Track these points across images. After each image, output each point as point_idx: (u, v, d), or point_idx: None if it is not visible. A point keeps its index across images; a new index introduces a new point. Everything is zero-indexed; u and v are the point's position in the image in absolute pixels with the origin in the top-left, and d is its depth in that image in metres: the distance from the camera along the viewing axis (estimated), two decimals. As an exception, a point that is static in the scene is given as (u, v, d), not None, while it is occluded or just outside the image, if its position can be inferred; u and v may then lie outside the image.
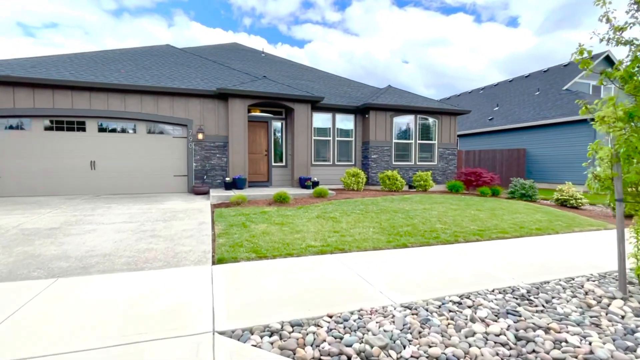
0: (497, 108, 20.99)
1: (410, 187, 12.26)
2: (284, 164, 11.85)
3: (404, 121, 12.90)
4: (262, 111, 11.57)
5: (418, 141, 13.07)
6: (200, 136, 10.05)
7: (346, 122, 12.71)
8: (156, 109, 9.83)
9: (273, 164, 11.72)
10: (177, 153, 10.25)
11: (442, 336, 2.46)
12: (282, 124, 11.80)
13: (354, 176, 11.10)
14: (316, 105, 11.66)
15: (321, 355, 2.22)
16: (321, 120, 12.31)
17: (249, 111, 11.35)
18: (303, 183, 10.63)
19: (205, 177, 10.30)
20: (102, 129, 9.60)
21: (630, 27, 3.17)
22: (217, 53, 15.68)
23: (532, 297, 3.17)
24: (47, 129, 9.13)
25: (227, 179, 9.93)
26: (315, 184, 10.56)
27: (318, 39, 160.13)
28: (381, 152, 12.44)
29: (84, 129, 9.42)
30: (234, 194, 8.82)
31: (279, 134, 11.83)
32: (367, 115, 12.37)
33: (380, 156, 12.44)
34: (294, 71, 15.42)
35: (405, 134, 12.96)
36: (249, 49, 17.84)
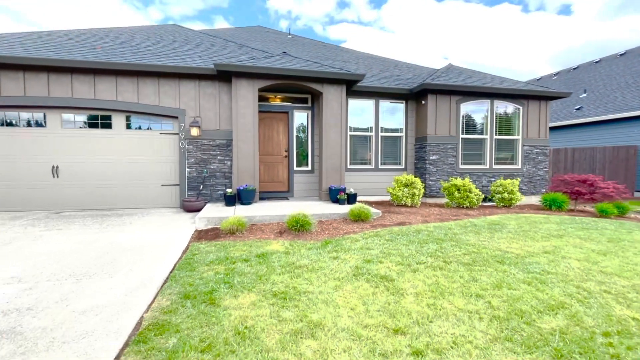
0: (584, 95, 16.44)
1: (484, 199, 8.72)
2: (309, 168, 8.87)
3: (475, 109, 9.37)
4: (281, 99, 8.69)
5: (495, 136, 9.46)
6: (195, 132, 7.36)
7: (394, 111, 9.45)
8: (136, 96, 7.30)
9: (295, 168, 8.80)
10: (166, 155, 7.66)
11: None
12: (307, 115, 8.83)
13: (406, 186, 7.83)
14: (353, 88, 8.56)
15: None
16: (360, 109, 9.18)
17: (263, 99, 8.51)
18: (335, 195, 7.57)
19: (201, 186, 7.60)
20: (67, 124, 7.24)
21: None
22: (235, 35, 13.11)
23: None
24: (-2, 124, 6.93)
25: (229, 190, 7.15)
26: (352, 197, 7.45)
27: (353, 38, 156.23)
28: (443, 151, 9.03)
29: (42, 124, 7.12)
30: (233, 213, 6.00)
31: (303, 129, 8.88)
32: (423, 102, 9.03)
33: (441, 157, 9.03)
34: (327, 52, 12.41)
35: (476, 126, 9.43)
36: (273, 31, 15.13)
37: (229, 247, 4.59)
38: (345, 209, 6.65)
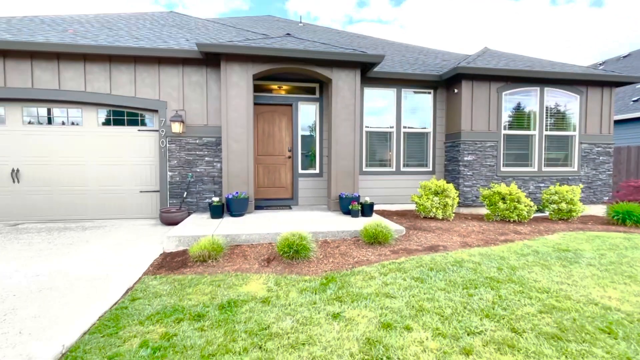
0: (641, 85, 14.16)
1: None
2: (317, 171, 7.45)
3: (521, 99, 7.65)
4: (284, 90, 7.32)
5: (545, 132, 7.71)
6: (177, 127, 6.10)
7: (419, 103, 7.88)
8: (109, 86, 6.11)
9: (300, 171, 7.40)
10: (145, 156, 6.44)
11: None
12: (315, 108, 7.42)
13: (437, 194, 6.26)
14: (369, 74, 7.07)
15: None
16: (378, 100, 7.67)
17: (261, 89, 7.17)
18: (346, 206, 6.11)
19: (185, 194, 6.33)
20: (30, 120, 6.16)
21: None
22: (240, 23, 11.86)
23: None
24: (-49, 120, 5.92)
25: (215, 199, 5.82)
26: (367, 208, 5.97)
27: (386, 17, 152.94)
28: (481, 150, 7.39)
29: (1, 121, 6.06)
30: (214, 230, 4.67)
31: (310, 125, 7.48)
32: (456, 91, 7.41)
33: (479, 158, 7.39)
34: (341, 39, 10.93)
35: (522, 120, 7.71)
36: (283, 20, 13.80)
37: (188, 287, 3.24)
38: (359, 224, 5.19)
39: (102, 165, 6.33)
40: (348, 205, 6.04)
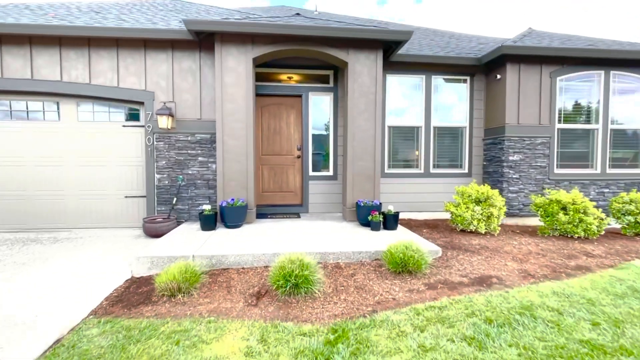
0: None
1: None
2: (330, 173, 6.37)
3: (580, 86, 6.28)
4: (293, 78, 6.28)
5: (611, 126, 6.29)
6: (165, 122, 5.18)
7: (452, 92, 6.64)
8: (88, 74, 5.27)
9: (311, 173, 6.34)
10: (132, 155, 5.57)
11: None
12: (329, 99, 6.33)
13: (478, 202, 5.04)
14: (393, 57, 5.93)
15: None
16: (403, 89, 6.50)
17: (265, 77, 6.16)
18: (365, 216, 5.00)
19: (175, 199, 5.40)
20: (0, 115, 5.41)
21: None
22: (249, 12, 10.93)
23: None
24: None
25: (206, 207, 4.84)
26: (391, 220, 4.83)
27: (408, 17, 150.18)
28: (530, 148, 6.08)
29: (-32, 114, 5.35)
30: (199, 247, 3.68)
31: (323, 119, 6.40)
32: (498, 76, 6.13)
33: (527, 157, 6.08)
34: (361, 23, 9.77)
35: (580, 111, 6.33)
36: (297, 9, 12.79)
37: (136, 343, 2.25)
38: (381, 241, 4.08)
39: (83, 166, 5.50)
40: (367, 216, 4.93)
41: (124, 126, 5.53)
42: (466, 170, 6.62)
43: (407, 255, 3.28)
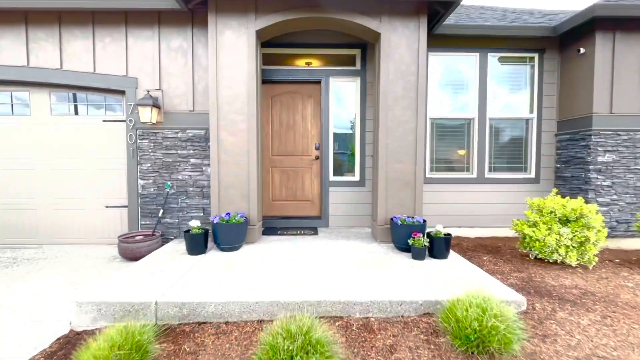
0: None
1: None
2: (356, 177, 5.08)
3: (699, 59, 4.61)
4: (310, 60, 5.06)
5: None
6: (148, 115, 4.13)
7: (513, 75, 5.16)
8: (58, 57, 4.31)
9: (332, 177, 5.09)
10: (114, 156, 4.57)
11: None
12: (355, 85, 5.06)
13: (565, 222, 3.58)
14: (437, 29, 4.57)
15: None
16: (449, 71, 5.10)
17: (274, 60, 4.99)
18: (403, 237, 3.67)
19: (161, 211, 4.33)
20: (-35, 108, 4.58)
21: None
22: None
23: None
24: None
25: (193, 224, 3.70)
26: (441, 245, 3.49)
27: None
28: (629, 146, 4.50)
29: None
30: (167, 288, 2.55)
31: (347, 110, 5.14)
32: (581, 50, 4.59)
33: (624, 159, 4.50)
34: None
35: (698, 94, 4.66)
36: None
37: None
38: (430, 279, 2.77)
39: (57, 170, 4.57)
40: (407, 238, 3.61)
41: (104, 121, 4.54)
42: (532, 175, 5.12)
43: (486, 324, 1.95)
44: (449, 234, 3.59)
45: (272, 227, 4.97)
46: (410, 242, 3.53)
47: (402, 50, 4.06)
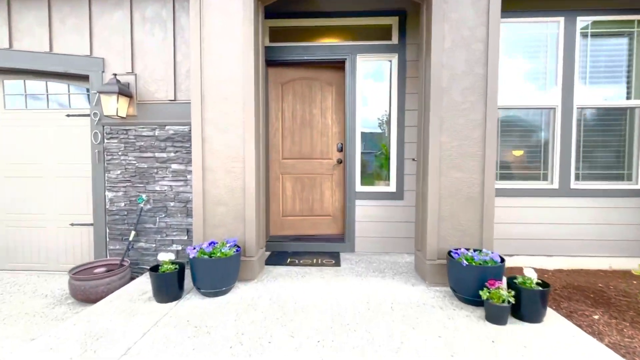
0: None
1: None
2: (391, 187, 3.83)
3: None
4: (335, 36, 3.86)
5: None
6: (114, 107, 3.10)
7: (610, 47, 3.74)
8: (7, 34, 3.37)
9: (360, 188, 3.86)
10: (76, 160, 3.59)
11: None
12: (390, 66, 3.82)
13: None
14: (513, -19, 3.26)
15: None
16: (520, 43, 3.75)
17: (283, 35, 3.84)
18: (470, 284, 2.41)
19: (133, 233, 3.27)
20: None
21: None
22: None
23: None
24: None
25: (163, 258, 2.62)
26: (537, 301, 2.21)
27: None
28: None
29: None
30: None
31: (379, 98, 3.91)
32: None
33: None
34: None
35: None
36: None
37: None
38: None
39: (11, 177, 3.64)
40: (476, 285, 2.35)
41: (69, 116, 3.56)
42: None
43: None
44: (546, 285, 2.29)
45: (282, 251, 3.82)
46: (483, 294, 2.26)
47: (464, 8, 2.79)
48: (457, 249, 2.70)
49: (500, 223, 3.67)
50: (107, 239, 3.38)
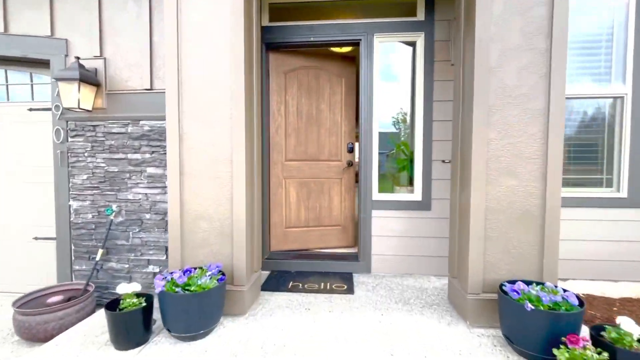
0: None
1: None
2: (416, 195, 3.14)
3: None
4: (347, 15, 3.21)
5: None
6: (76, 98, 2.53)
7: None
8: (-44, 12, 2.84)
9: (377, 196, 3.18)
10: (40, 162, 3.03)
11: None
12: (417, 47, 3.16)
13: None
14: None
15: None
16: (578, 15, 3.03)
17: (285, 13, 3.21)
18: (537, 337, 1.73)
19: (100, 252, 2.69)
20: None
21: None
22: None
23: None
24: None
25: (125, 290, 2.02)
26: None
27: None
28: None
29: None
30: None
31: (399, 87, 3.24)
32: None
33: None
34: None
35: None
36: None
37: None
38: None
39: (-32, 182, 3.11)
40: (546, 338, 1.68)
41: (31, 110, 3.01)
42: None
43: None
44: (653, 341, 1.60)
45: (283, 271, 3.19)
46: (561, 355, 1.58)
47: (519, -41, 2.10)
48: (511, 282, 2.02)
49: (569, 240, 2.96)
50: (73, 257, 2.81)
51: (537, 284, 1.98)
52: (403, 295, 2.69)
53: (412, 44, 3.15)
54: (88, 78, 2.56)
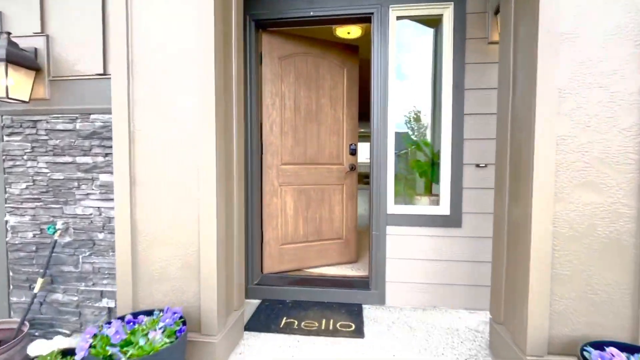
0: None
1: None
2: (442, 208, 2.50)
3: None
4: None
5: None
6: (10, 86, 1.95)
7: None
8: None
9: (392, 207, 2.56)
10: (-22, 168, 2.47)
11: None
12: (444, 23, 2.53)
13: None
14: None
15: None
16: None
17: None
18: None
19: (40, 283, 2.12)
20: None
21: None
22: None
23: None
24: None
25: (40, 352, 1.45)
26: None
27: None
28: None
29: None
30: None
31: (419, 73, 2.62)
32: None
33: None
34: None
35: None
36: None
37: None
38: None
39: None
40: None
41: (-32, 103, 2.45)
42: None
43: None
44: None
45: (277, 300, 2.58)
46: None
47: None
48: (596, 343, 1.38)
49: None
50: (10, 287, 2.24)
51: (635, 350, 1.34)
52: (429, 340, 2.06)
53: (436, 21, 2.52)
54: (22, 59, 1.99)
